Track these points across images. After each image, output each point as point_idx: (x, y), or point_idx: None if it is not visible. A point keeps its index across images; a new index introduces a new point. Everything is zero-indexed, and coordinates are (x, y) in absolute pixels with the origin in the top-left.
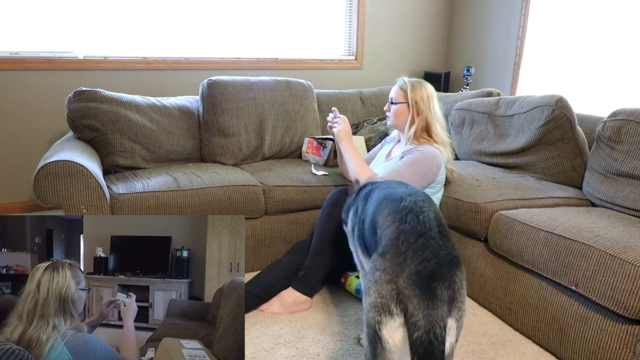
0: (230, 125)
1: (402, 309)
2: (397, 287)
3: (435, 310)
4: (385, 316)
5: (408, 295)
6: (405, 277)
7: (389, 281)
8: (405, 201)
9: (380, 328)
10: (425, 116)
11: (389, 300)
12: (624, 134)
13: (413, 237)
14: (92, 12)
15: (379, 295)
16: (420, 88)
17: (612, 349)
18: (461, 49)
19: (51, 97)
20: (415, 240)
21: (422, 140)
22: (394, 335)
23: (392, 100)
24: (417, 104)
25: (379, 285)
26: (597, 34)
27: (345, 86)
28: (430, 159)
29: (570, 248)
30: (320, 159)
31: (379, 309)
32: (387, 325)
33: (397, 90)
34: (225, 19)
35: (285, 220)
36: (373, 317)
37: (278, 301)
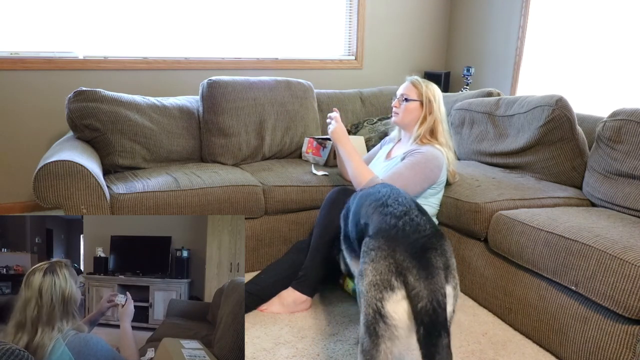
0: (230, 125)
1: (402, 281)
2: (395, 261)
3: (435, 279)
4: (386, 292)
5: (407, 267)
6: (402, 250)
7: (385, 257)
8: (382, 191)
9: (382, 305)
10: (435, 116)
11: (389, 275)
12: (624, 134)
13: (399, 215)
14: (92, 12)
15: (377, 273)
16: (431, 87)
17: (612, 349)
18: (461, 49)
19: (51, 97)
20: (402, 217)
21: (425, 141)
22: (397, 309)
23: (405, 98)
24: (430, 103)
25: (376, 263)
26: (597, 34)
27: (345, 86)
28: (431, 160)
29: (570, 248)
30: (320, 159)
31: (379, 286)
32: (390, 300)
33: (409, 87)
34: (225, 19)
35: (285, 220)
36: (373, 295)
37: (278, 301)
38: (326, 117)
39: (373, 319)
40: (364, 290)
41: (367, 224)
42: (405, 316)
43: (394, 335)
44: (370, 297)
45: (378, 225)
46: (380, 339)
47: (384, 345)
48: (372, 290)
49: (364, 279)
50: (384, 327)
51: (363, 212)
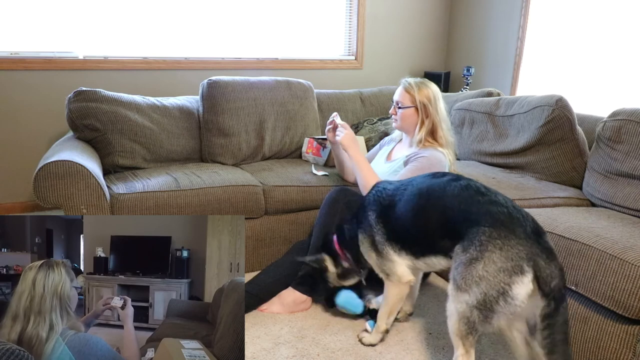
0: (230, 125)
1: (531, 266)
2: (524, 248)
3: (557, 258)
4: (517, 276)
5: (536, 252)
6: (526, 238)
7: (515, 245)
8: (459, 184)
9: (510, 287)
10: (432, 119)
11: (521, 261)
12: (624, 134)
13: (502, 203)
14: (92, 12)
15: (507, 259)
16: (425, 89)
17: (612, 349)
18: (461, 49)
19: (51, 97)
20: (506, 205)
21: (427, 144)
22: (522, 291)
23: (399, 105)
24: (425, 108)
25: (505, 251)
26: (597, 34)
27: (345, 86)
28: (435, 165)
29: (570, 248)
30: (320, 159)
31: (510, 272)
32: (519, 282)
33: (402, 93)
34: (225, 19)
35: (285, 220)
36: (502, 279)
37: (278, 301)
38: (326, 117)
39: (494, 298)
40: (488, 277)
41: (469, 214)
42: (526, 297)
43: (510, 312)
44: (498, 281)
45: (489, 217)
46: (494, 313)
47: (496, 317)
48: (500, 275)
49: (488, 266)
50: (504, 305)
51: (455, 204)
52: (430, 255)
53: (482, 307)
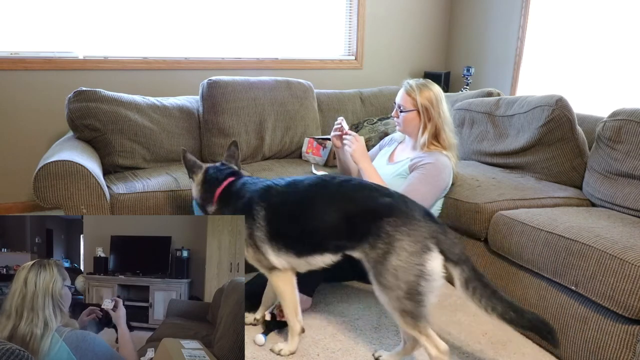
0: (230, 125)
1: (435, 242)
2: (425, 229)
3: (451, 232)
4: (426, 253)
5: (434, 229)
6: (423, 219)
7: (417, 227)
8: (352, 183)
9: (424, 266)
10: (435, 122)
11: (426, 240)
12: (624, 134)
13: (387, 193)
14: (92, 12)
15: (414, 242)
16: (427, 91)
17: (612, 349)
18: (461, 49)
19: (51, 97)
20: (390, 195)
21: (431, 147)
22: (435, 265)
23: (400, 108)
24: (427, 111)
25: (412, 236)
26: (597, 34)
27: (345, 86)
28: (442, 170)
29: (570, 248)
30: (320, 159)
31: (419, 253)
32: (430, 259)
33: (404, 96)
34: (225, 19)
35: None
36: (415, 262)
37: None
38: (326, 117)
39: (416, 282)
40: (403, 265)
41: (368, 209)
42: (441, 269)
43: (434, 287)
44: (412, 265)
45: (389, 207)
46: (422, 295)
47: (425, 298)
48: (412, 258)
49: (399, 254)
50: (426, 284)
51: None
52: (316, 254)
53: (410, 295)
